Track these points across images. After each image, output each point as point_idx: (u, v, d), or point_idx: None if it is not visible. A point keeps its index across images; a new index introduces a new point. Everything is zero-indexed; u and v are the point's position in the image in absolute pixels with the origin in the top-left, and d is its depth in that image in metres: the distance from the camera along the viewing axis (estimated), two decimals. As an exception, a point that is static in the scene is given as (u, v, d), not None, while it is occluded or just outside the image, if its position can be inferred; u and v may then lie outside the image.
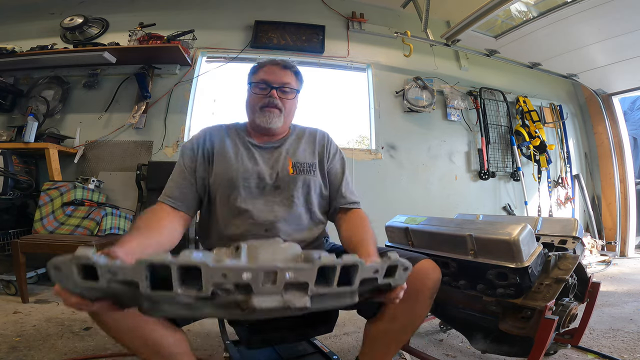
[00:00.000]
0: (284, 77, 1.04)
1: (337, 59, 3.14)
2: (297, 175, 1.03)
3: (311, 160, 1.08)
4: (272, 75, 1.04)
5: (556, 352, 1.28)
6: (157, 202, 0.97)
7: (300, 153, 1.08)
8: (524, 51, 2.97)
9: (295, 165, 1.05)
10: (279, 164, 1.04)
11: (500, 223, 0.99)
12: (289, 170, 1.03)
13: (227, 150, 1.05)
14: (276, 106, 1.03)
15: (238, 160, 1.03)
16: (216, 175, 1.02)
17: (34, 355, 1.28)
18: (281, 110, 1.04)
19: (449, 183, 3.20)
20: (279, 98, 1.03)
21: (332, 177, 1.10)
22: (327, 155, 1.11)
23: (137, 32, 2.67)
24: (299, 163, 1.05)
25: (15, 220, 2.35)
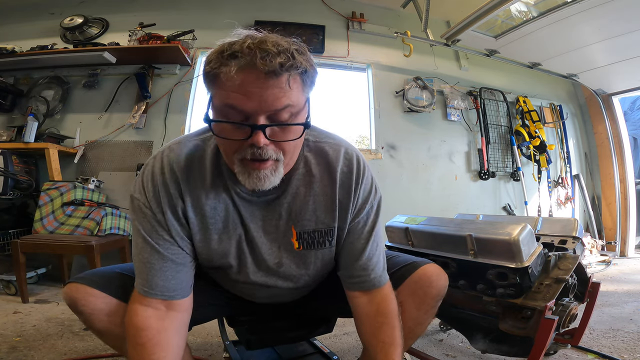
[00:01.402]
0: (275, 98, 0.56)
1: (337, 59, 3.14)
2: (305, 251, 0.75)
3: (327, 224, 0.73)
4: (250, 98, 0.55)
5: (556, 352, 1.28)
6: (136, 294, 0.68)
7: (309, 213, 0.72)
8: (524, 51, 2.97)
9: (301, 237, 0.73)
10: (279, 233, 0.73)
11: (500, 223, 0.99)
12: (293, 243, 0.74)
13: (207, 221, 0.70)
14: (267, 158, 0.60)
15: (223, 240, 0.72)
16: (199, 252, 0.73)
17: (34, 355, 1.28)
18: (278, 160, 0.62)
19: (449, 183, 3.20)
20: (272, 142, 0.59)
21: (353, 237, 0.75)
22: (353, 205, 0.73)
23: (137, 32, 2.67)
24: (306, 234, 0.73)
25: (15, 220, 2.35)
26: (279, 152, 0.61)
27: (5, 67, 2.67)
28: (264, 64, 0.53)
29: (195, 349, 1.38)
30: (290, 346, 1.27)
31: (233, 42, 0.57)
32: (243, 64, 0.54)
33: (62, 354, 1.30)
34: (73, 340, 1.43)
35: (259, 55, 0.54)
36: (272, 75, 0.54)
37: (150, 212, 0.67)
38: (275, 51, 0.54)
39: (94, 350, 1.34)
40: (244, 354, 1.16)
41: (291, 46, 0.57)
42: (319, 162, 0.73)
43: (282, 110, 0.57)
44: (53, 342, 1.40)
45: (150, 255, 0.67)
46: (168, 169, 0.68)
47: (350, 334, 1.54)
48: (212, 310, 0.91)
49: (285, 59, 0.55)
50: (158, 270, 0.67)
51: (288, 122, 0.59)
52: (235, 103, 0.56)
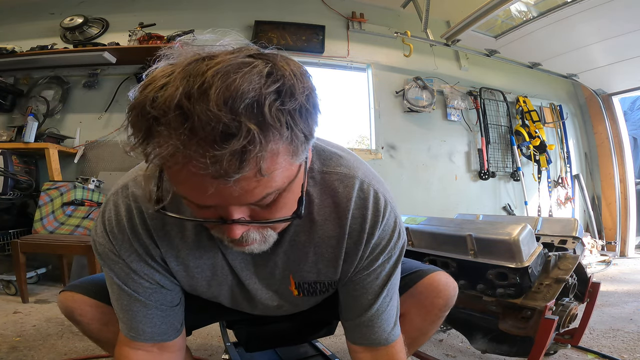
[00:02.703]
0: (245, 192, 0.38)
1: (337, 59, 3.14)
2: (306, 297, 0.66)
3: (330, 277, 0.62)
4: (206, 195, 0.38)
5: (556, 352, 1.28)
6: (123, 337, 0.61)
7: (308, 265, 0.61)
8: (524, 51, 2.97)
9: (300, 286, 0.64)
10: (275, 281, 0.63)
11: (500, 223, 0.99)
12: (292, 291, 0.64)
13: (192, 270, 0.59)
14: (252, 241, 0.49)
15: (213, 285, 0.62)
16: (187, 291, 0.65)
17: (34, 355, 1.28)
18: (266, 237, 0.50)
19: (449, 183, 3.20)
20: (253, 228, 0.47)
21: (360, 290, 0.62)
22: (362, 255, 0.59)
23: (137, 32, 2.67)
24: (306, 284, 0.63)
25: (15, 220, 2.35)
26: (266, 231, 0.49)
27: (5, 67, 2.67)
28: (204, 167, 0.33)
29: (195, 349, 1.38)
30: (292, 348, 1.25)
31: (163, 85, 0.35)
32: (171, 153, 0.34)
33: (62, 354, 1.30)
34: (73, 340, 1.43)
35: (194, 147, 0.33)
36: (225, 177, 0.35)
37: (122, 261, 0.56)
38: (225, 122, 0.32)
39: (94, 351, 1.34)
40: (244, 355, 1.14)
41: (264, 90, 0.34)
42: (324, 201, 0.56)
43: (261, 200, 0.41)
44: (53, 342, 1.40)
45: (131, 304, 0.58)
46: (137, 213, 0.54)
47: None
48: (210, 315, 0.86)
49: (246, 141, 0.33)
50: (143, 317, 0.58)
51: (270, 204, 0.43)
52: (190, 198, 0.41)
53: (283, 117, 0.35)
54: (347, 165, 0.57)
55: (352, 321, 0.64)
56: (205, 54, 0.39)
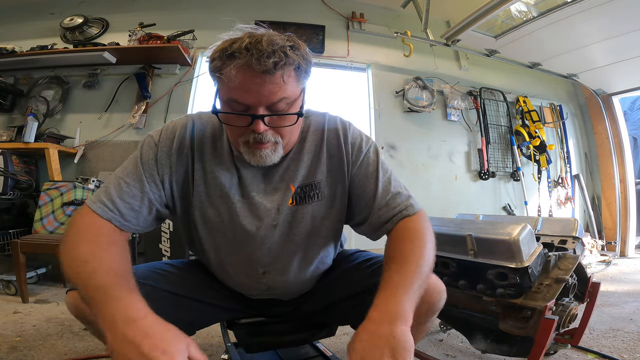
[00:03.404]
0: (271, 93, 0.63)
1: (337, 59, 3.14)
2: (298, 206, 0.76)
3: (316, 177, 0.77)
4: (249, 93, 0.63)
5: (556, 352, 1.28)
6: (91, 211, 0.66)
7: (301, 170, 0.76)
8: (524, 51, 2.97)
9: (296, 193, 0.76)
10: (278, 194, 0.76)
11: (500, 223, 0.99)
12: (287, 201, 0.76)
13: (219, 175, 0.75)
14: (267, 141, 0.68)
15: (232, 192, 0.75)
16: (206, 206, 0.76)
17: (34, 355, 1.28)
18: (277, 142, 0.69)
19: (449, 183, 3.20)
20: (270, 128, 0.67)
21: (360, 182, 0.77)
22: (347, 157, 0.78)
23: (137, 32, 2.67)
24: (299, 188, 0.76)
25: (15, 220, 2.35)
26: (277, 136, 0.69)
27: (5, 67, 2.67)
28: (258, 64, 0.60)
29: (195, 349, 1.37)
30: (292, 348, 1.25)
31: (234, 41, 0.63)
32: (241, 64, 0.61)
33: (62, 354, 1.30)
34: (73, 340, 1.43)
35: (255, 56, 0.60)
36: (267, 73, 0.61)
37: (155, 153, 0.73)
38: (270, 50, 0.60)
39: (94, 351, 1.34)
40: (244, 356, 1.13)
41: (285, 43, 0.63)
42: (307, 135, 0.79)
43: (278, 102, 0.64)
44: (53, 342, 1.40)
45: (133, 182, 0.70)
46: (189, 133, 0.76)
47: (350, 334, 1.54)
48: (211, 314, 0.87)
49: (278, 58, 0.61)
50: (129, 197, 0.69)
51: (284, 111, 0.66)
52: (237, 97, 0.64)
53: (294, 55, 0.63)
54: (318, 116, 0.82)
55: (371, 209, 0.75)
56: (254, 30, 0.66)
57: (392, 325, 0.55)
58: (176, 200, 0.76)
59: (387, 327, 0.56)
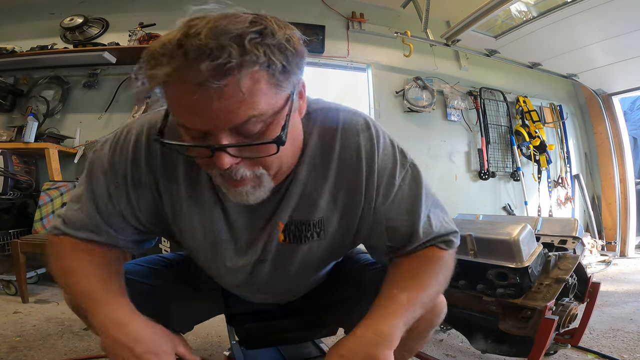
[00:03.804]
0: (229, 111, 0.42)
1: (337, 59, 3.14)
2: (292, 244, 0.62)
3: (315, 216, 0.60)
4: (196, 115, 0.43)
5: (556, 352, 1.28)
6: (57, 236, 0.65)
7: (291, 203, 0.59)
8: (524, 51, 2.97)
9: (287, 229, 0.61)
10: (267, 230, 0.61)
11: (500, 223, 0.99)
12: (279, 237, 0.61)
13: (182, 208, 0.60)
14: (243, 178, 0.49)
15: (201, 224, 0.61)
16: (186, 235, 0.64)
17: (34, 355, 1.28)
18: (259, 176, 0.50)
19: (449, 183, 3.20)
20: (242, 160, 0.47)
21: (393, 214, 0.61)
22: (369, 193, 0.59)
23: (137, 32, 2.67)
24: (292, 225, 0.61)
25: (15, 220, 2.35)
26: (256, 168, 0.49)
27: (5, 67, 2.66)
28: (191, 71, 0.39)
29: (195, 348, 1.38)
30: (295, 348, 1.25)
31: (168, 33, 0.43)
32: (167, 73, 0.40)
33: (62, 354, 1.30)
34: (73, 340, 1.43)
35: (186, 58, 0.39)
36: (208, 85, 0.39)
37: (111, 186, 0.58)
38: (213, 46, 0.38)
39: (94, 350, 1.34)
40: (247, 354, 1.14)
41: (246, 29, 0.40)
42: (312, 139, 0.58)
43: (245, 124, 0.43)
44: (53, 342, 1.40)
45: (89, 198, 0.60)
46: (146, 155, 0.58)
47: (350, 334, 1.54)
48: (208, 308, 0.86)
49: (225, 58, 0.38)
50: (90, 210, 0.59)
51: (257, 135, 0.45)
52: (184, 122, 0.45)
53: (261, 48, 0.40)
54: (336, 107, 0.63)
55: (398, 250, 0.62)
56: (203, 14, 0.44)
57: (376, 348, 0.50)
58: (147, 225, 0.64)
59: (372, 349, 0.50)
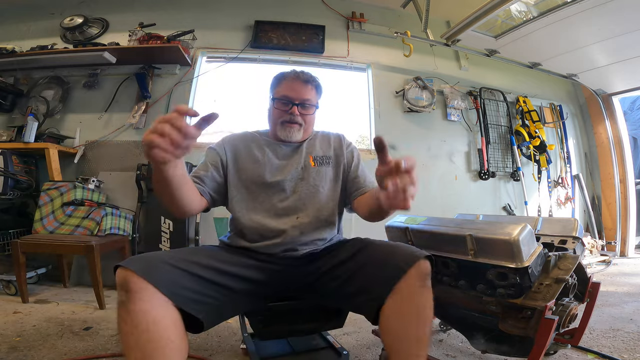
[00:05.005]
0: (304, 93, 1.12)
1: (337, 59, 3.14)
2: (319, 167, 1.15)
3: (327, 152, 1.19)
4: (293, 91, 1.11)
5: (556, 352, 1.28)
6: None
7: (317, 149, 1.19)
8: (524, 51, 2.97)
9: (315, 159, 1.16)
10: (302, 159, 1.15)
11: (500, 223, 0.99)
12: (311, 163, 1.14)
13: (253, 152, 1.14)
14: (297, 122, 1.12)
15: (265, 159, 1.12)
16: (244, 171, 1.11)
17: (34, 355, 1.28)
18: (301, 125, 1.13)
19: (449, 183, 3.20)
20: (300, 114, 1.11)
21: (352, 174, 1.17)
22: (343, 150, 1.21)
23: (137, 32, 2.67)
24: (318, 157, 1.17)
25: (15, 220, 2.35)
26: (302, 121, 1.13)
27: (5, 67, 2.67)
28: (303, 78, 1.14)
29: (195, 348, 1.38)
30: (304, 339, 1.32)
31: (287, 71, 1.17)
32: (293, 76, 1.14)
33: (62, 354, 1.30)
34: (73, 340, 1.44)
35: (300, 74, 1.14)
36: (304, 82, 1.13)
37: (215, 148, 1.15)
38: (308, 74, 1.16)
39: (94, 351, 1.34)
40: (259, 345, 1.26)
41: (313, 75, 1.17)
42: (319, 135, 1.25)
43: (306, 101, 1.13)
44: (53, 342, 1.40)
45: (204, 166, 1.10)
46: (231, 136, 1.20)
47: (351, 334, 1.55)
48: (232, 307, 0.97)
49: (311, 79, 1.16)
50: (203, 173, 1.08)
51: (307, 108, 1.15)
52: (286, 94, 1.12)
53: (317, 82, 1.19)
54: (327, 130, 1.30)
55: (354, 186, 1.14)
56: None
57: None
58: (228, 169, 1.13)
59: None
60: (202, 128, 0.70)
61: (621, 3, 2.18)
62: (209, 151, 1.14)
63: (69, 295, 2.15)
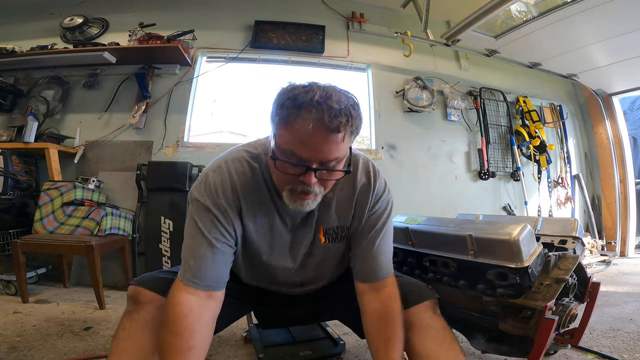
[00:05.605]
0: (330, 152, 0.68)
1: (337, 59, 3.14)
2: (330, 243, 0.90)
3: (344, 221, 0.88)
4: (310, 149, 0.67)
5: (556, 352, 1.28)
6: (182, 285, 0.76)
7: (332, 215, 0.87)
8: (524, 51, 2.97)
9: (327, 232, 0.89)
10: (311, 232, 0.89)
11: (500, 223, 0.99)
12: (321, 239, 0.89)
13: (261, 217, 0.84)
14: (312, 193, 0.74)
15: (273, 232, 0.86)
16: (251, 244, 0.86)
17: (34, 355, 1.28)
18: (319, 193, 0.76)
19: (449, 183, 3.20)
20: (318, 180, 0.73)
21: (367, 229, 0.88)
22: (370, 204, 0.87)
23: (137, 32, 2.67)
24: (330, 229, 0.88)
25: (15, 220, 2.35)
26: (321, 188, 0.75)
27: (5, 67, 2.67)
28: (330, 123, 0.65)
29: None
30: (304, 330, 1.40)
31: (305, 91, 0.67)
32: (314, 119, 0.65)
33: (62, 354, 1.30)
34: (73, 340, 1.43)
35: (326, 114, 0.64)
36: (333, 132, 0.66)
37: (213, 212, 0.78)
38: (338, 108, 0.65)
39: (94, 351, 1.34)
40: (262, 334, 1.34)
41: (348, 102, 0.68)
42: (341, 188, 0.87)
43: (332, 161, 0.70)
44: (53, 342, 1.40)
45: (206, 250, 0.76)
46: (229, 182, 0.80)
47: (350, 334, 1.54)
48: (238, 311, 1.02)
49: (345, 120, 0.66)
50: (210, 264, 0.76)
51: (334, 168, 0.72)
52: (296, 151, 0.68)
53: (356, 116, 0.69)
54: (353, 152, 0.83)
55: (362, 257, 0.87)
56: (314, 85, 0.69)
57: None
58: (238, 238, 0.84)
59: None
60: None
61: (621, 3, 2.17)
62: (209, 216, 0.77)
63: (69, 295, 2.15)
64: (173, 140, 2.76)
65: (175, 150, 2.73)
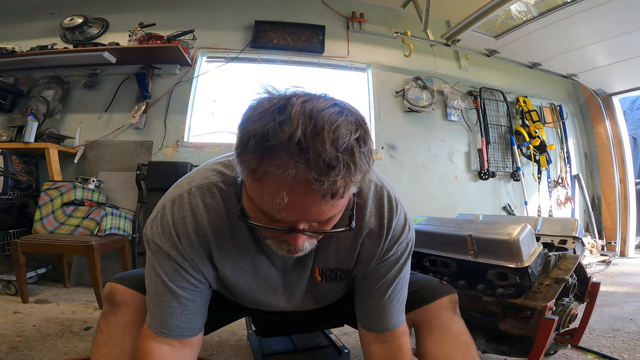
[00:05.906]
0: (321, 214, 0.49)
1: (337, 59, 3.14)
2: (327, 283, 0.75)
3: (346, 264, 0.72)
4: (293, 211, 0.47)
5: (556, 352, 1.28)
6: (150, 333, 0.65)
7: (331, 253, 0.71)
8: (524, 51, 2.97)
9: (323, 273, 0.74)
10: (306, 272, 0.73)
11: (500, 223, 0.99)
12: (316, 277, 0.74)
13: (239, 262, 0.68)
14: (302, 250, 0.57)
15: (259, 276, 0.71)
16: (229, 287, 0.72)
17: (34, 355, 1.28)
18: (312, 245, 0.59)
19: (449, 183, 3.20)
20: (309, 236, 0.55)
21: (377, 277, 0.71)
22: (380, 251, 0.69)
23: (137, 32, 2.67)
24: (328, 270, 0.73)
25: (15, 220, 2.35)
26: (313, 242, 0.58)
27: (5, 67, 2.67)
28: (319, 182, 0.42)
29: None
30: (307, 338, 1.34)
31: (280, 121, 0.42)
32: (295, 177, 0.42)
33: (62, 354, 1.30)
34: (73, 340, 1.43)
35: (314, 167, 0.42)
36: (325, 197, 0.45)
37: (175, 258, 0.62)
38: (333, 155, 0.42)
39: (94, 350, 1.34)
40: (262, 342, 1.27)
41: (350, 137, 0.43)
42: None
43: (324, 221, 0.51)
44: (53, 342, 1.40)
45: (171, 300, 0.64)
46: (191, 221, 0.62)
47: (350, 334, 1.54)
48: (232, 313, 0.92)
49: (344, 172, 0.43)
50: (179, 314, 0.64)
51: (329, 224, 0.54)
52: (275, 215, 0.48)
53: (363, 157, 0.45)
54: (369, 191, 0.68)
55: (368, 308, 0.73)
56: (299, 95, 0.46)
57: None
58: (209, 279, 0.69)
59: None
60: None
61: (621, 3, 2.17)
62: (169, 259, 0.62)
63: (69, 295, 2.15)
64: (173, 140, 2.76)
65: (175, 151, 2.73)
